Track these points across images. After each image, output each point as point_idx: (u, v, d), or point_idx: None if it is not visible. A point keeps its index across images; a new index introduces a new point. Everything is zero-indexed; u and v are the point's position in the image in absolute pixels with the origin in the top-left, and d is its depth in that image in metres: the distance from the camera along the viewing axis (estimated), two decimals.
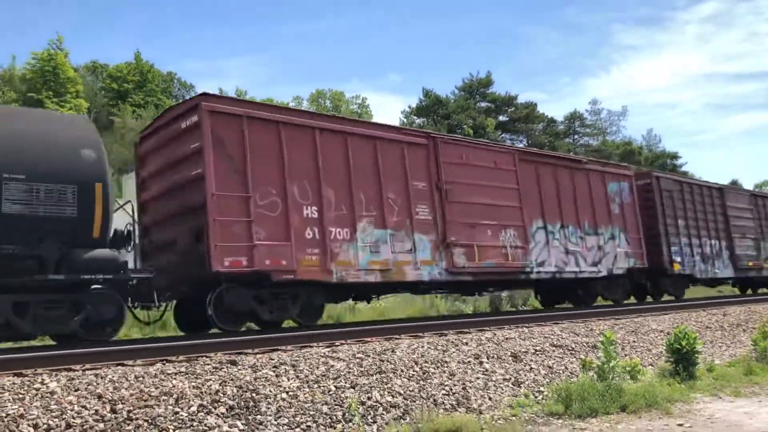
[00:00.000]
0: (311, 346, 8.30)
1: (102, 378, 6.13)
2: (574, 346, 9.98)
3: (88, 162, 9.08)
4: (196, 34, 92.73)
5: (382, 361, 7.74)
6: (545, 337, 10.13)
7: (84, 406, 5.50)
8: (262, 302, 10.69)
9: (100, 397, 5.69)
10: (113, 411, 5.51)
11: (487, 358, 8.64)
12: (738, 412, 7.19)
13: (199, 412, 5.82)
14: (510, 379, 8.16)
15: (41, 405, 5.45)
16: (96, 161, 9.19)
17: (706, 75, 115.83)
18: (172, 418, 5.63)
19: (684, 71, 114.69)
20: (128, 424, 5.39)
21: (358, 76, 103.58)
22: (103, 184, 9.09)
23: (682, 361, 8.87)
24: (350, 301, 19.15)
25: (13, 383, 5.85)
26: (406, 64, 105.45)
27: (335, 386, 6.83)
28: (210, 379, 6.42)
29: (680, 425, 6.63)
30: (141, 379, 6.21)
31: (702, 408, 7.47)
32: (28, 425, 5.15)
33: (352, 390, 6.83)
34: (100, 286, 9.23)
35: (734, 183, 76.34)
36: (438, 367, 7.95)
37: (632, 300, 18.92)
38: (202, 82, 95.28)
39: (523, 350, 9.25)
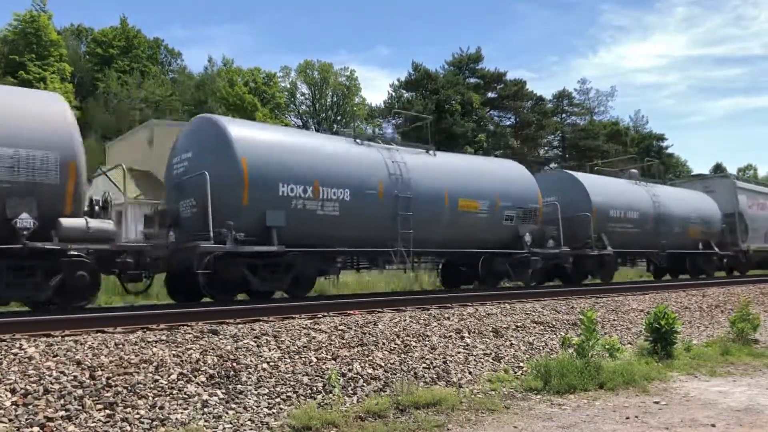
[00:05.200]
0: (293, 318, 8.30)
1: (81, 344, 6.09)
2: (554, 323, 10.06)
3: None
4: None
5: (364, 333, 7.76)
6: (526, 314, 10.20)
7: (62, 372, 5.47)
8: None
9: (79, 363, 5.65)
10: (92, 377, 5.49)
11: (469, 333, 8.69)
12: (713, 391, 7.30)
13: (179, 380, 5.80)
14: (490, 354, 8.22)
15: (19, 370, 5.41)
16: None
17: (693, 58, 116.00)
18: (152, 385, 5.62)
19: (671, 53, 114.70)
20: (107, 391, 5.37)
21: (345, 48, 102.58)
22: None
23: (661, 340, 8.99)
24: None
25: None
26: (394, 38, 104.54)
27: (316, 357, 6.84)
28: (191, 348, 6.41)
29: (656, 403, 6.72)
30: (121, 346, 6.18)
31: (678, 386, 7.58)
32: (6, 390, 5.11)
33: (333, 362, 6.85)
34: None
35: (718, 166, 77.00)
36: (419, 341, 7.98)
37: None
38: (188, 49, 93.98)
39: (504, 326, 9.31)
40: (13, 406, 4.96)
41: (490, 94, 54.47)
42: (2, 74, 37.42)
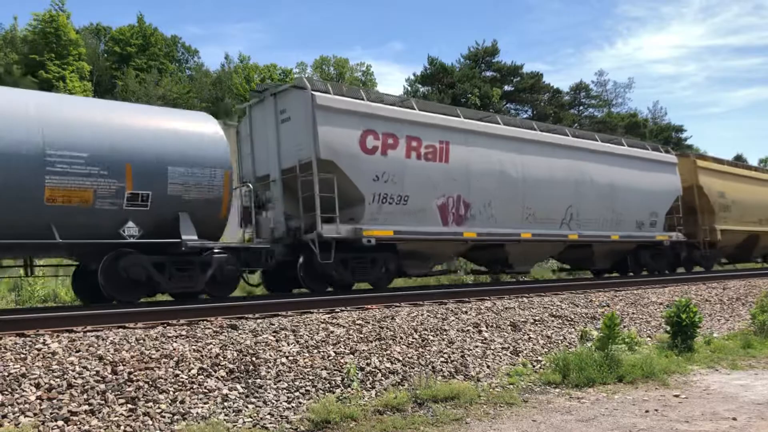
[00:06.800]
0: (311, 312, 8.34)
1: (103, 340, 6.18)
2: (573, 316, 10.02)
3: None
4: None
5: (382, 328, 7.79)
6: (544, 308, 10.17)
7: (85, 367, 5.55)
8: None
9: (101, 358, 5.74)
10: (114, 372, 5.57)
11: (486, 327, 8.69)
12: (734, 385, 7.24)
13: (199, 374, 5.87)
14: (508, 348, 8.21)
15: (43, 365, 5.50)
16: None
17: (711, 48, 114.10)
18: (173, 380, 5.68)
19: (689, 44, 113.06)
20: (129, 386, 5.45)
21: (360, 44, 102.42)
22: None
23: (681, 333, 8.92)
24: None
25: (15, 343, 5.89)
26: (408, 32, 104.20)
27: (335, 352, 6.88)
28: (210, 343, 6.47)
29: (676, 396, 6.68)
30: (142, 341, 6.26)
31: (698, 380, 7.52)
32: (30, 384, 5.20)
33: (352, 356, 6.88)
34: None
35: (738, 158, 76.03)
36: (437, 335, 7.99)
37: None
38: (205, 46, 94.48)
39: (522, 320, 9.29)
40: (38, 401, 5.05)
41: (506, 87, 54.19)
42: (23, 74, 37.86)
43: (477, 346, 7.99)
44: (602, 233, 16.40)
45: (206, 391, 5.69)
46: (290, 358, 6.55)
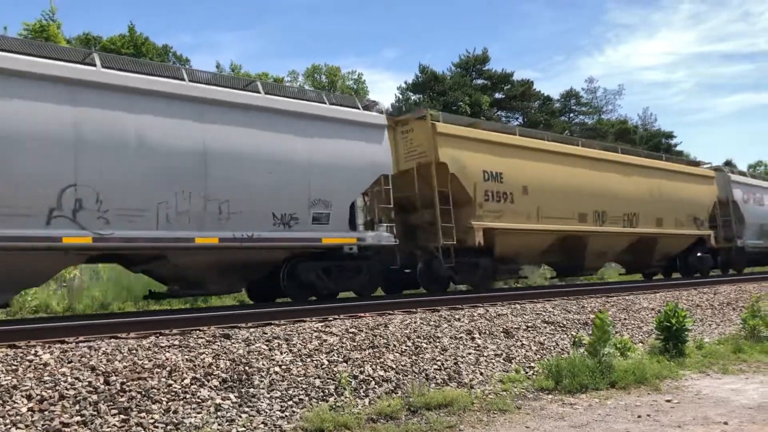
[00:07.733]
0: (304, 321, 8.34)
1: (95, 350, 6.16)
2: (565, 323, 10.06)
3: None
4: (188, 4, 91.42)
5: (375, 336, 7.79)
6: (537, 314, 10.20)
7: (77, 378, 5.53)
8: None
9: (93, 369, 5.72)
10: (107, 383, 5.55)
11: (479, 334, 8.71)
12: (725, 389, 7.28)
13: (192, 384, 5.86)
14: (501, 354, 8.23)
15: (35, 376, 5.47)
16: None
17: (700, 54, 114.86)
18: (166, 390, 5.67)
19: (678, 50, 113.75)
20: (121, 396, 5.43)
21: (352, 52, 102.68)
22: None
23: (672, 338, 8.97)
24: None
25: (6, 354, 5.87)
26: (400, 40, 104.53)
27: (328, 360, 6.88)
28: (203, 353, 6.46)
29: (668, 401, 6.71)
30: (134, 351, 6.24)
31: (690, 385, 7.57)
32: (22, 396, 5.18)
33: (345, 364, 6.88)
34: None
35: (728, 163, 76.56)
36: (430, 343, 8.00)
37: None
38: (196, 55, 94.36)
39: (515, 326, 9.32)
40: (30, 412, 5.02)
41: (497, 95, 54.45)
42: None
43: (470, 353, 8.01)
44: (169, 234, 9.64)
45: (199, 400, 5.68)
46: (283, 367, 6.55)
